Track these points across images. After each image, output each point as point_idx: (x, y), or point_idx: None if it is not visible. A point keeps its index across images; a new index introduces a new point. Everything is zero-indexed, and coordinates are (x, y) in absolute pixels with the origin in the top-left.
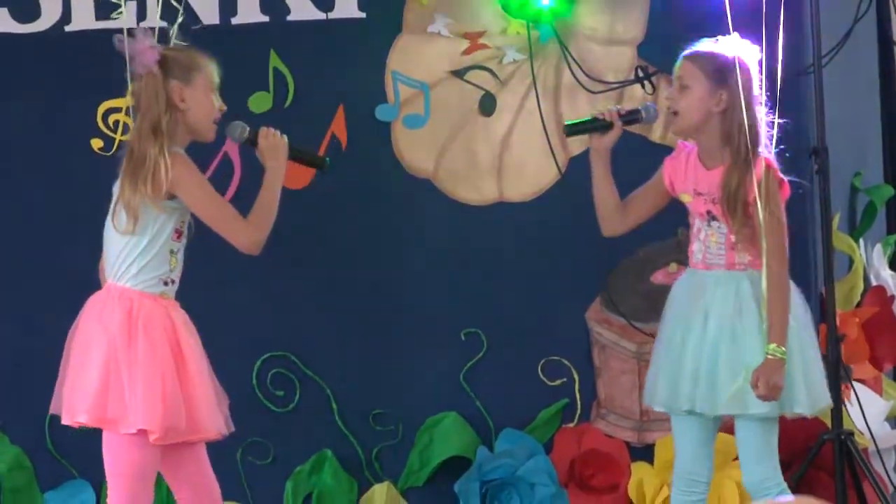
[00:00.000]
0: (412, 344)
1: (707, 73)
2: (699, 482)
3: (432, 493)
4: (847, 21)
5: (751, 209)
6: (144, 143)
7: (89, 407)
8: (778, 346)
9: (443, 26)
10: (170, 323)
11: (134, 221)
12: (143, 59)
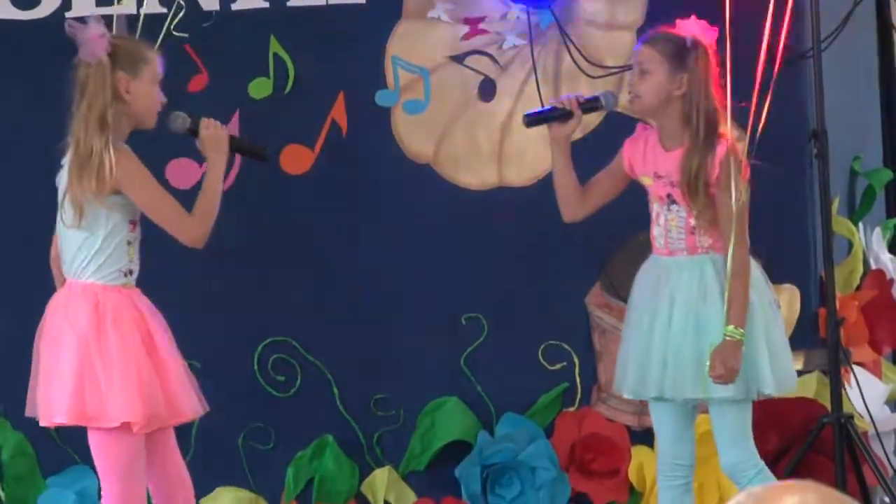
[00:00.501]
0: (413, 329)
1: (667, 57)
2: (682, 465)
3: (433, 477)
4: (846, 5)
5: (712, 192)
6: (91, 136)
7: (67, 407)
8: (736, 327)
9: (443, 11)
10: (137, 312)
11: (80, 216)
12: (93, 48)
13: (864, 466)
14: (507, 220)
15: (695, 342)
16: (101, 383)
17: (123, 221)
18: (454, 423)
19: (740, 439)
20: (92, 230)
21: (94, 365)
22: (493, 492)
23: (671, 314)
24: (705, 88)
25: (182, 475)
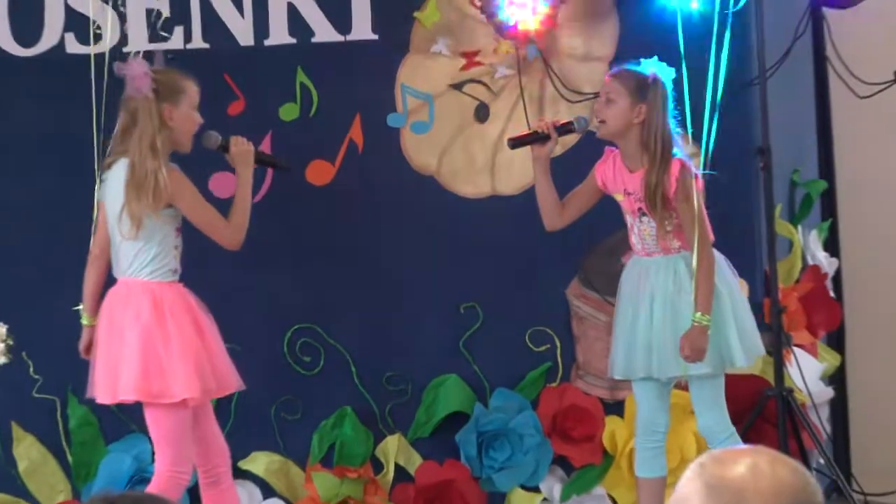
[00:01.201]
0: (419, 316)
1: (629, 90)
2: (657, 431)
3: (437, 442)
4: (788, 40)
5: (671, 203)
6: (145, 159)
7: (134, 386)
8: (703, 314)
9: (444, 46)
10: (186, 303)
11: (137, 228)
12: (139, 85)
13: (803, 433)
14: (498, 224)
15: (673, 329)
16: (164, 365)
17: (171, 229)
18: (454, 396)
19: (715, 407)
20: (147, 239)
21: (157, 349)
22: (487, 455)
23: (652, 306)
24: (661, 117)
25: (219, 441)
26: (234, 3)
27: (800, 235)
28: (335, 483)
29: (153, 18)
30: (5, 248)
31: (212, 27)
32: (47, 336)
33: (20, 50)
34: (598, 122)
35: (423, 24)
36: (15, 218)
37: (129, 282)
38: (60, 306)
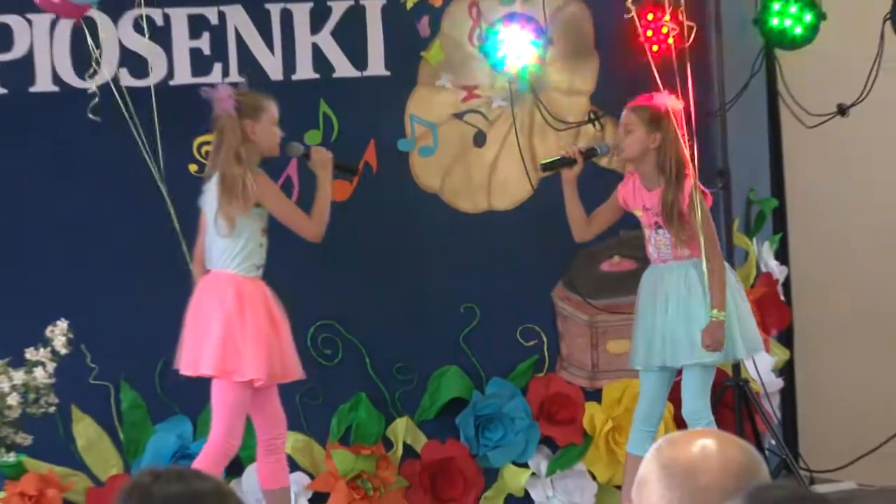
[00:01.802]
0: (425, 315)
1: (644, 121)
2: (654, 419)
3: (439, 424)
4: (745, 77)
5: (685, 217)
6: (231, 168)
7: (213, 364)
8: (719, 311)
9: (447, 81)
10: (265, 297)
11: (231, 227)
12: (224, 106)
13: (757, 418)
14: (493, 235)
15: (686, 324)
16: (239, 348)
17: (258, 228)
18: (454, 384)
19: (700, 395)
20: (237, 236)
21: (235, 334)
22: (483, 435)
23: (667, 305)
24: (674, 143)
25: (281, 418)
26: (266, 42)
27: (754, 246)
28: (351, 459)
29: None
30: (68, 255)
31: (246, 64)
32: (102, 330)
33: (80, 83)
34: (618, 150)
35: (429, 62)
36: (78, 229)
37: (218, 273)
38: (114, 304)
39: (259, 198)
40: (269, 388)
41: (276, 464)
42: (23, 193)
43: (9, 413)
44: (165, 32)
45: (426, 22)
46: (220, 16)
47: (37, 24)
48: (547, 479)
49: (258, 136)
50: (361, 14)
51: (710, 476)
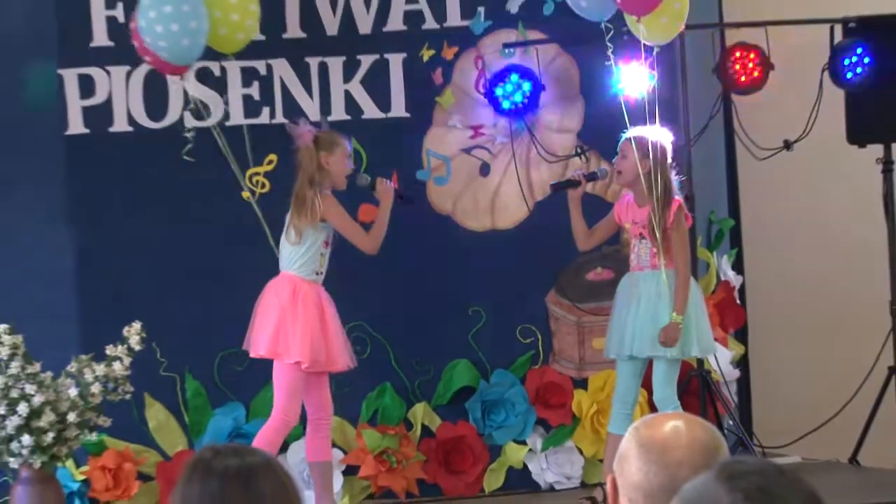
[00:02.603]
0: (439, 317)
1: (637, 149)
2: (629, 402)
3: (452, 409)
4: (706, 117)
5: (668, 233)
6: (304, 189)
7: (267, 347)
8: (678, 315)
9: (457, 121)
10: (318, 298)
11: (299, 236)
12: (304, 139)
13: (717, 402)
14: (496, 250)
15: (652, 323)
16: (289, 336)
17: (320, 240)
18: (464, 375)
19: (668, 384)
20: (301, 244)
21: (287, 324)
22: (488, 418)
23: (638, 306)
24: (662, 169)
25: (328, 401)
26: (306, 89)
27: (715, 259)
28: (378, 437)
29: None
30: (142, 270)
31: (289, 107)
32: (170, 331)
33: (151, 123)
34: (616, 173)
35: (442, 106)
36: (149, 247)
37: (284, 274)
38: (179, 309)
39: (324, 215)
40: (321, 375)
41: (321, 440)
42: (105, 218)
43: (92, 399)
44: (222, 82)
45: (440, 72)
46: (267, 68)
47: (114, 74)
48: (542, 454)
49: (331, 166)
50: (385, 66)
51: (680, 453)
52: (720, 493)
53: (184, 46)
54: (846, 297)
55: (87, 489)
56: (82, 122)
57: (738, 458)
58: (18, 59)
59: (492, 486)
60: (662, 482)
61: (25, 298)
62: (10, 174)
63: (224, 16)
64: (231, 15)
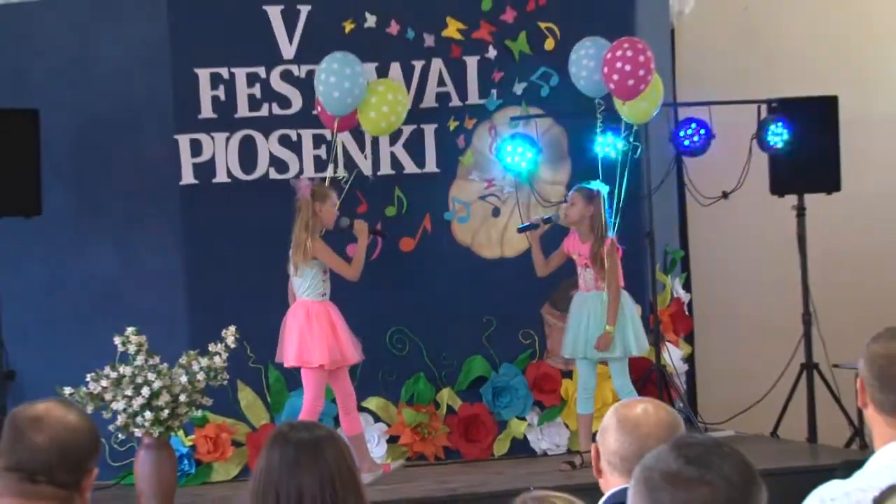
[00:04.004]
0: (461, 323)
1: (583, 198)
2: (588, 389)
3: (470, 393)
4: (664, 172)
5: (604, 262)
6: (301, 233)
7: (295, 357)
8: (611, 326)
9: (476, 175)
10: (327, 312)
11: (296, 269)
12: (303, 192)
13: (671, 389)
14: (504, 272)
15: (598, 331)
16: (309, 347)
17: (320, 271)
18: (479, 367)
19: (622, 376)
20: (304, 276)
21: (307, 340)
22: (497, 400)
23: (589, 319)
24: (601, 214)
25: (349, 389)
26: (360, 151)
27: (669, 281)
28: (414, 414)
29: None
30: (236, 288)
31: (348, 163)
32: (257, 333)
33: (244, 175)
34: (564, 216)
35: (464, 164)
36: (243, 270)
37: (299, 300)
38: (265, 317)
39: (314, 254)
40: (340, 370)
41: (351, 420)
42: (209, 246)
43: (197, 384)
44: (298, 145)
45: (462, 139)
46: (331, 135)
47: (217, 139)
48: (537, 428)
49: (322, 213)
50: (421, 134)
51: (648, 428)
52: (670, 459)
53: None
54: (769, 310)
55: (193, 452)
56: (192, 175)
57: (690, 435)
58: (143, 126)
59: (500, 452)
60: (634, 450)
61: (148, 309)
62: (139, 214)
63: (378, 103)
64: (382, 107)
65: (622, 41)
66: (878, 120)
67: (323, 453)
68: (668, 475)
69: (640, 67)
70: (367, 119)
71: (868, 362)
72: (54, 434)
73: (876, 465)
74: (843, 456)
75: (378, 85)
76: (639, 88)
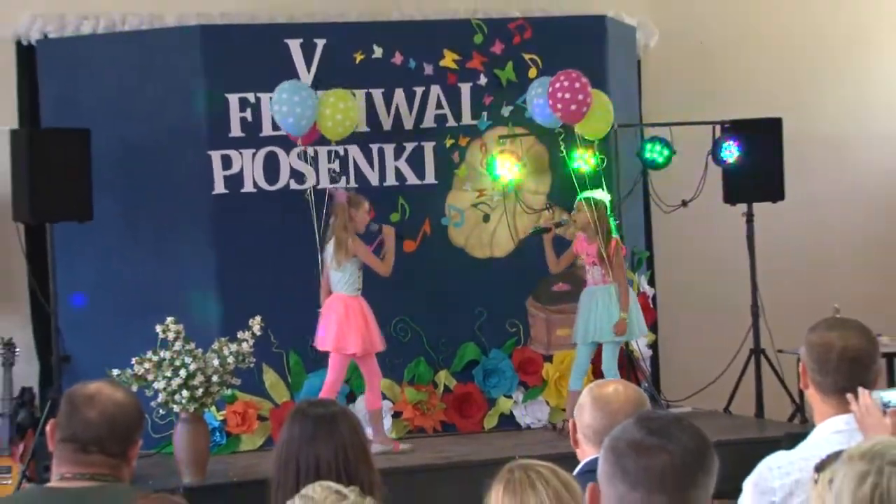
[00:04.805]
0: (456, 315)
1: (587, 206)
2: (583, 369)
3: (463, 374)
4: (632, 183)
5: (611, 260)
6: (341, 233)
7: (333, 343)
8: (624, 313)
9: (469, 186)
10: (360, 306)
11: (339, 265)
12: (340, 199)
13: (637, 371)
14: (494, 270)
15: (607, 320)
16: (346, 337)
17: (356, 268)
18: (472, 352)
19: (613, 361)
20: (343, 271)
21: (344, 330)
22: (487, 380)
23: (597, 309)
24: (604, 219)
25: (377, 371)
26: (369, 165)
27: (637, 277)
28: (415, 393)
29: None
30: (262, 285)
31: (360, 176)
32: (280, 323)
33: (267, 186)
34: (573, 221)
35: (458, 176)
36: (269, 270)
37: (335, 294)
38: (287, 310)
39: (354, 252)
40: (369, 355)
41: (374, 396)
42: (238, 248)
43: (227, 367)
44: (315, 159)
45: (457, 154)
46: (344, 151)
47: (244, 154)
48: (522, 405)
49: (356, 218)
50: (422, 150)
51: (618, 404)
52: (634, 430)
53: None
54: (723, 303)
55: (224, 426)
56: (223, 185)
57: (653, 410)
58: (181, 144)
59: (489, 425)
60: (606, 424)
61: (185, 301)
62: (177, 219)
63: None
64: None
65: (559, 75)
66: (816, 138)
67: (337, 427)
68: (632, 444)
69: (578, 93)
70: (326, 129)
71: (808, 349)
72: (105, 410)
73: (816, 438)
74: (786, 429)
75: (328, 97)
76: (581, 111)
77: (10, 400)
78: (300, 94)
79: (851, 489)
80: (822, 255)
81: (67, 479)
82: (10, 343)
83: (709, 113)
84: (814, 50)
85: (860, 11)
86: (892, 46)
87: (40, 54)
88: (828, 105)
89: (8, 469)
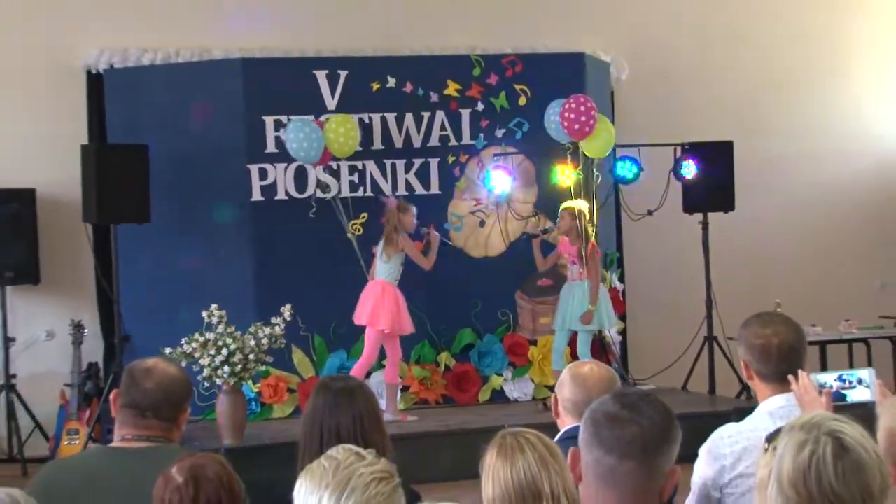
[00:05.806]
0: (455, 306)
1: (569, 213)
2: (561, 351)
3: (462, 356)
4: (605, 196)
5: (588, 260)
6: (392, 232)
7: (368, 319)
8: (592, 305)
9: (468, 196)
10: (395, 294)
11: (388, 258)
12: (390, 205)
13: (609, 354)
14: (488, 269)
15: (580, 310)
16: (379, 314)
17: (401, 261)
18: (468, 337)
19: (586, 346)
20: (391, 262)
21: (378, 308)
22: (482, 361)
23: (573, 301)
24: (584, 224)
25: (399, 350)
26: (383, 177)
27: (609, 275)
28: (420, 371)
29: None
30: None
31: (375, 187)
32: (306, 310)
33: (297, 194)
34: (557, 228)
35: (459, 187)
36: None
37: (376, 280)
38: (312, 297)
39: (402, 248)
40: (394, 336)
41: (393, 372)
42: (272, 246)
43: (262, 347)
44: (337, 172)
45: (458, 169)
46: (363, 166)
47: (278, 167)
48: (511, 382)
49: (404, 221)
50: (428, 165)
51: (593, 381)
52: (610, 404)
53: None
54: (682, 297)
55: (259, 397)
56: (260, 194)
57: (627, 388)
58: (224, 158)
59: (483, 399)
60: (582, 398)
61: (227, 293)
62: (220, 222)
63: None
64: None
65: (570, 99)
66: (761, 159)
67: (356, 399)
68: (608, 416)
69: (583, 115)
70: (335, 149)
71: (749, 348)
72: (160, 381)
73: (760, 412)
74: (734, 404)
75: (331, 123)
76: (584, 131)
77: (79, 373)
78: (304, 131)
79: (792, 455)
80: (766, 257)
81: (127, 440)
82: (79, 325)
83: (671, 136)
84: (762, 84)
85: (807, 54)
86: (823, 83)
87: (107, 81)
88: (771, 131)
89: (76, 431)
